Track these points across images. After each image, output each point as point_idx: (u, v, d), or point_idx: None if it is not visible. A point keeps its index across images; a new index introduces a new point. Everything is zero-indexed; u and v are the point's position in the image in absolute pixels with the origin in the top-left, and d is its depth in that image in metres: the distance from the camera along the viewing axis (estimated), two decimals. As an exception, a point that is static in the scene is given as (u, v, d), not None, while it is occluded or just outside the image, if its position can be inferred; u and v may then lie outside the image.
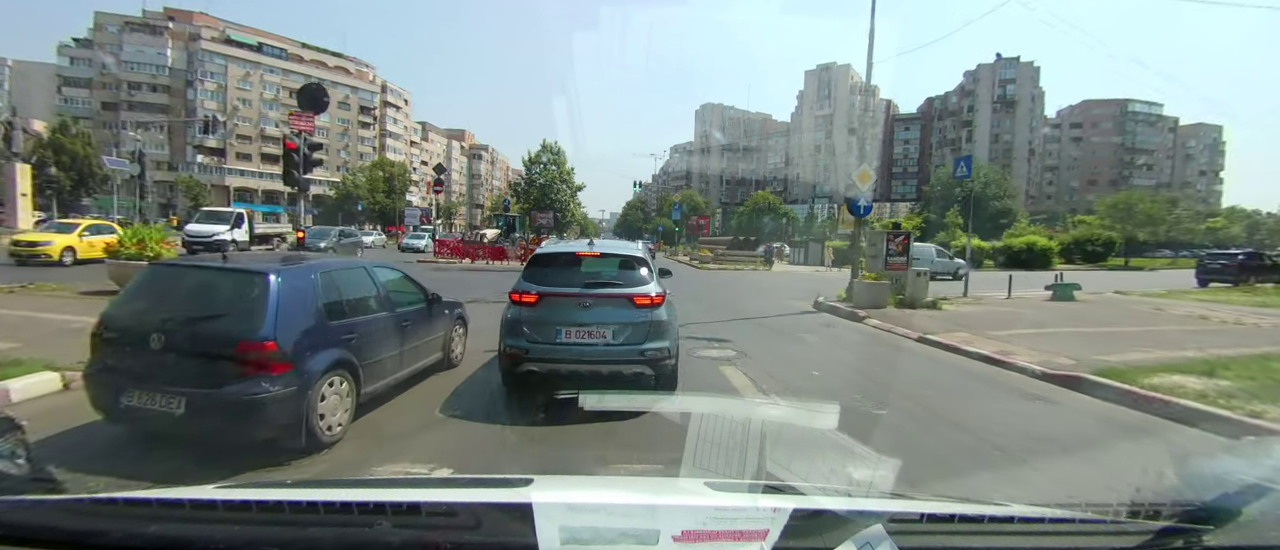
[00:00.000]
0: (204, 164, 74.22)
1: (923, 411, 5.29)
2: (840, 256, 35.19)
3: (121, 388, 3.60)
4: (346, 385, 4.08)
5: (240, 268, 4.07)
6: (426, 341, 5.46)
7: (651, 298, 4.98)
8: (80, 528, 1.21)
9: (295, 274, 4.06)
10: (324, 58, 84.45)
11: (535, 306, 4.95)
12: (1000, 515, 1.57)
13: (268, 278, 3.79)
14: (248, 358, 3.57)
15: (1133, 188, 74.35)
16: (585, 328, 4.86)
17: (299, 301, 3.90)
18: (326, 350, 3.96)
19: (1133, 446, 4.61)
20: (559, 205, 48.94)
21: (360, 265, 5.08)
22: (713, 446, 1.84)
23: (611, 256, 5.52)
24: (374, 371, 4.42)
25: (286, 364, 3.64)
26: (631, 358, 4.84)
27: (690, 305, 12.98)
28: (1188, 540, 1.29)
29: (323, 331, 4.00)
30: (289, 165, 8.29)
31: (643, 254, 5.53)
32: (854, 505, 1.39)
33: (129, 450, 3.74)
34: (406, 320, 5.01)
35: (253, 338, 3.59)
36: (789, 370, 6.85)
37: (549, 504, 1.31)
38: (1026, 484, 3.77)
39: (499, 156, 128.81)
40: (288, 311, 3.77)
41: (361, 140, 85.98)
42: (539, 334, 4.86)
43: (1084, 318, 11.46)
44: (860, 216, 13.31)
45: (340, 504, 1.28)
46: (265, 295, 3.70)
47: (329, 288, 4.24)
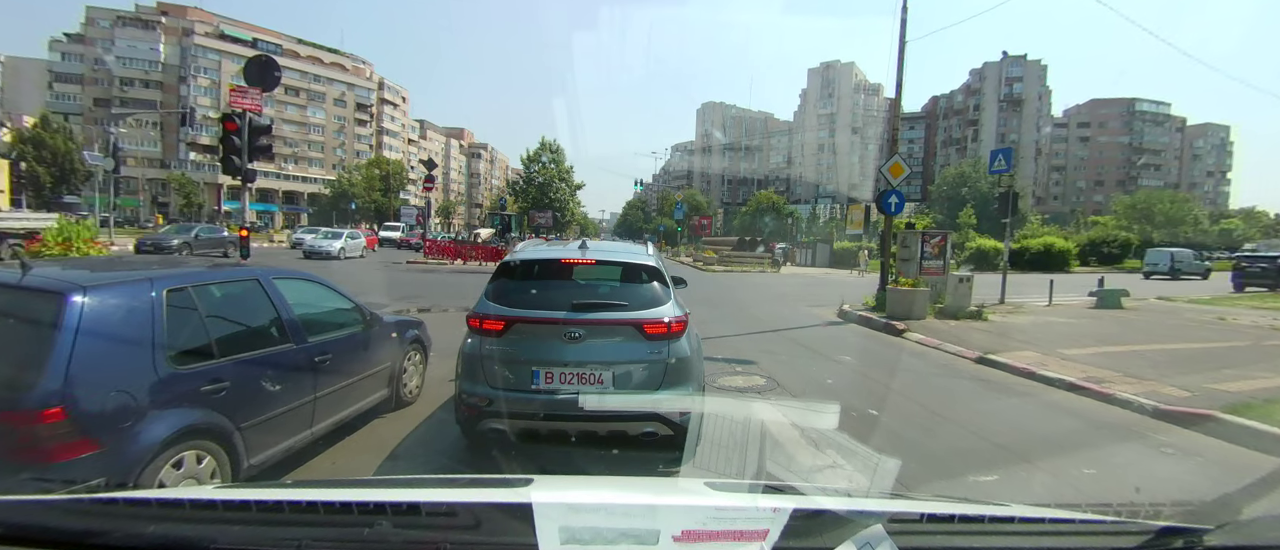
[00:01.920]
0: (197, 161, 72.78)
1: (1051, 479, 3.92)
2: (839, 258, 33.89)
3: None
4: (210, 462, 2.74)
5: (25, 284, 2.55)
6: (362, 379, 4.07)
7: (668, 325, 3.46)
8: (80, 528, 1.19)
9: (118, 292, 2.63)
10: (320, 54, 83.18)
11: (500, 336, 3.48)
12: (1000, 515, 1.55)
13: (67, 299, 2.38)
14: (17, 434, 2.17)
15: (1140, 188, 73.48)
16: (574, 369, 3.40)
17: (119, 337, 2.51)
18: (171, 411, 2.60)
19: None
20: (558, 204, 47.60)
21: (250, 275, 3.49)
22: (713, 446, 1.83)
23: (612, 265, 4.01)
24: (264, 433, 3.09)
25: (86, 442, 2.29)
26: (641, 412, 3.33)
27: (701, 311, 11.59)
28: (1188, 540, 1.27)
29: (166, 383, 2.63)
30: (228, 149, 6.88)
31: (654, 262, 3.91)
32: (854, 505, 1.39)
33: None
34: (325, 352, 3.62)
35: (22, 404, 2.19)
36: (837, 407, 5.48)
37: (549, 504, 1.29)
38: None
39: (498, 155, 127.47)
40: (93, 355, 2.38)
41: (358, 138, 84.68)
42: (508, 377, 3.43)
43: (1149, 330, 10.11)
44: (892, 214, 11.94)
45: (340, 504, 1.27)
46: (56, 329, 2.29)
47: (182, 311, 2.82)
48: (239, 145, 6.71)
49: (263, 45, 78.52)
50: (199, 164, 72.52)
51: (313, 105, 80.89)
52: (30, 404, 2.18)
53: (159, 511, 1.31)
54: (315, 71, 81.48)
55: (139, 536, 1.15)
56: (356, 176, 72.46)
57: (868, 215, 37.31)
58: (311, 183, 78.73)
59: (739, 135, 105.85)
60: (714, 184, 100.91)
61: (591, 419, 3.34)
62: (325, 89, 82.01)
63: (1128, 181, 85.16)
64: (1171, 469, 4.22)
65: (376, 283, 15.42)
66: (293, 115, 79.05)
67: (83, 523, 1.22)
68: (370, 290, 11.05)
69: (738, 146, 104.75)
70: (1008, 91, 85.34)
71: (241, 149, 6.71)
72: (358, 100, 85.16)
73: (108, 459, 2.33)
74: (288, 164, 78.68)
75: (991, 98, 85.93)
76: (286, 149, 78.77)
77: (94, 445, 2.32)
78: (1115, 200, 53.21)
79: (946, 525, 1.42)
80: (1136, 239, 40.54)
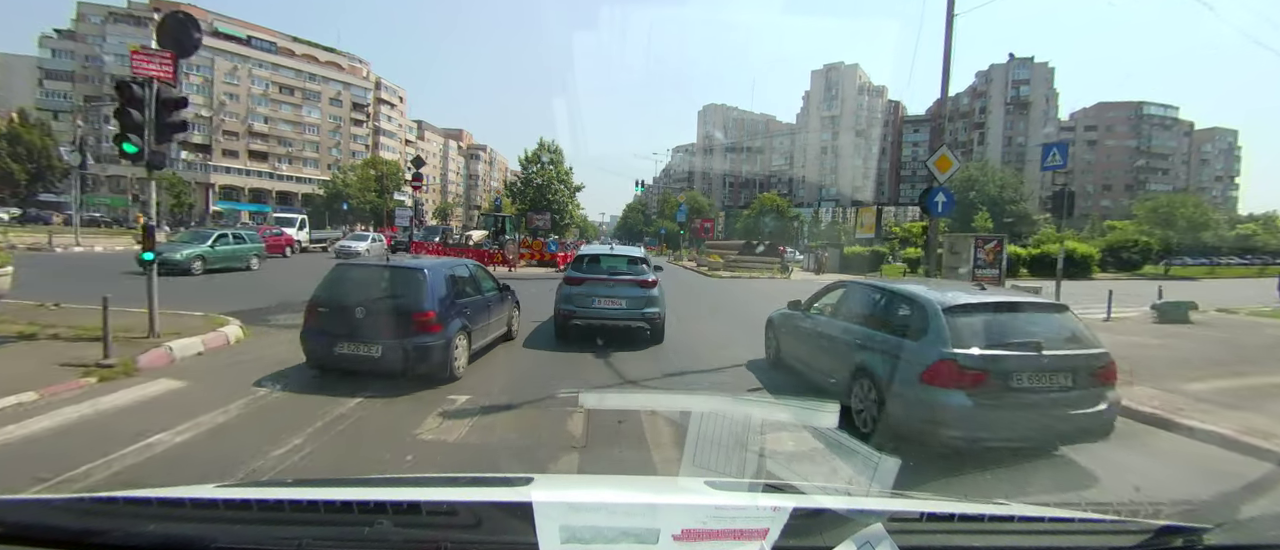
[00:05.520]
0: (188, 160, 71.20)
1: None
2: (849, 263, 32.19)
3: (334, 342, 5.58)
4: (463, 341, 6.14)
5: (406, 265, 6.41)
6: (500, 317, 7.70)
7: (651, 282, 8.37)
8: (81, 527, 1.19)
9: (437, 269, 6.30)
10: (315, 52, 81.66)
11: (579, 285, 8.23)
12: (1000, 514, 1.56)
13: (423, 271, 6.03)
14: (417, 322, 5.60)
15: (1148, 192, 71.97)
16: (608, 299, 8.12)
17: (441, 285, 6.06)
18: (457, 318, 6.08)
19: None
20: (557, 206, 45.99)
21: (465, 263, 7.46)
22: (713, 446, 1.81)
23: (624, 256, 9.08)
24: (478, 334, 6.67)
25: (438, 326, 5.73)
26: (637, 317, 8.21)
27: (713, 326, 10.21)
28: (1188, 539, 1.27)
29: (453, 306, 6.12)
30: (126, 126, 5.28)
31: (643, 254, 9.46)
32: (854, 504, 1.39)
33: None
34: (490, 302, 7.26)
35: (420, 308, 5.69)
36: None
37: (549, 503, 1.29)
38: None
39: (497, 157, 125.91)
40: (436, 293, 5.91)
41: (354, 138, 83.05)
42: (582, 301, 8.11)
43: (1249, 353, 8.58)
44: (938, 214, 10.35)
45: (340, 503, 1.27)
46: (423, 282, 5.88)
47: (452, 278, 6.42)
48: (140, 121, 5.17)
49: (257, 43, 77.16)
50: (190, 163, 71.06)
51: (308, 104, 79.33)
52: (422, 309, 5.66)
53: (159, 511, 1.30)
54: (311, 70, 79.92)
55: (139, 536, 1.15)
56: (351, 177, 70.81)
57: (879, 218, 35.79)
58: (306, 183, 77.07)
59: (740, 137, 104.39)
60: (715, 186, 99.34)
61: (616, 319, 8.09)
62: (321, 88, 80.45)
63: (1135, 186, 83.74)
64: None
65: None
66: (288, 114, 77.51)
67: (83, 522, 1.21)
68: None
69: (739, 148, 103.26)
70: (1015, 94, 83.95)
71: (143, 126, 5.17)
72: (354, 100, 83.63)
73: (444, 334, 5.73)
74: (282, 164, 77.09)
75: (998, 100, 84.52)
76: (281, 149, 77.23)
77: (440, 327, 5.70)
78: (1136, 204, 51.58)
79: (946, 524, 1.41)
80: (1157, 243, 38.98)
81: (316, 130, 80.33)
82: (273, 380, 5.55)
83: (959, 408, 3.83)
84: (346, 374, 5.55)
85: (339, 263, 7.60)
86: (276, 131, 77.29)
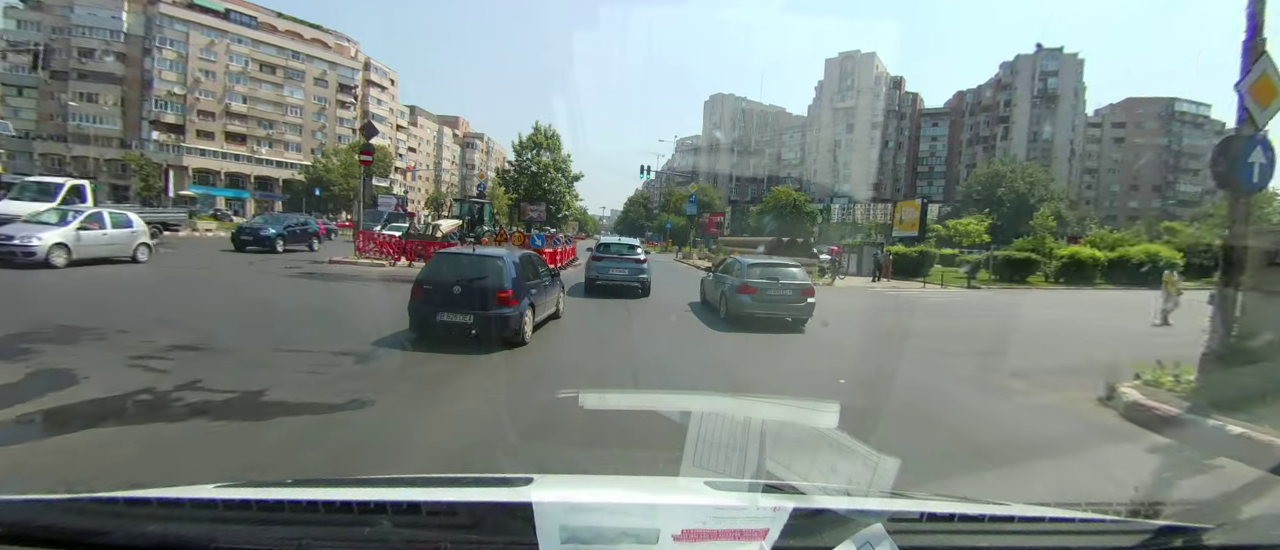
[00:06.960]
0: (160, 141, 66.33)
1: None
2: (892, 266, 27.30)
3: (437, 311, 7.38)
4: (530, 314, 7.91)
5: (491, 253, 8.44)
6: (551, 298, 9.49)
7: (644, 259, 15.00)
8: (80, 527, 1.19)
9: (512, 256, 8.24)
10: (300, 29, 76.54)
11: (599, 261, 14.64)
12: (1000, 514, 1.55)
13: (504, 257, 8.00)
14: (500, 296, 7.36)
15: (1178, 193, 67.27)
16: (616, 268, 14.41)
17: (515, 270, 7.75)
18: (526, 296, 7.79)
19: None
20: (553, 196, 41.28)
21: (530, 254, 9.73)
22: (713, 446, 1.82)
23: (626, 243, 16.64)
24: (540, 309, 8.51)
25: (515, 300, 7.47)
26: (634, 281, 14.25)
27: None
28: (1188, 539, 1.27)
29: (523, 286, 7.79)
30: None
31: (639, 242, 18.68)
32: (854, 504, 1.39)
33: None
34: (546, 285, 9.18)
35: (503, 286, 7.44)
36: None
37: (549, 503, 1.29)
38: None
39: (495, 146, 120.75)
40: (511, 275, 7.63)
41: (340, 121, 77.93)
42: (601, 270, 14.38)
43: None
44: (1252, 187, 5.48)
45: (340, 503, 1.27)
46: (503, 266, 7.70)
47: (521, 265, 8.11)
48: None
49: (236, 16, 71.97)
50: (163, 144, 66.19)
51: (290, 84, 74.26)
52: (503, 287, 7.49)
53: (159, 511, 1.29)
54: (294, 47, 74.78)
55: (139, 536, 1.15)
56: (335, 162, 65.94)
57: (923, 214, 31.00)
58: (287, 167, 72.16)
59: (748, 130, 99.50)
60: (721, 181, 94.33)
61: (620, 283, 14.48)
62: (305, 67, 75.33)
63: (1165, 187, 79.10)
64: None
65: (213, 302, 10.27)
66: (268, 94, 72.43)
67: (83, 522, 1.21)
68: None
69: (747, 142, 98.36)
70: (1042, 86, 79.03)
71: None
72: (341, 81, 78.55)
73: (518, 307, 7.53)
74: (261, 147, 72.09)
75: (1024, 93, 79.63)
76: (260, 131, 72.22)
77: (516, 301, 7.49)
78: (1213, 204, 46.82)
79: (946, 524, 1.42)
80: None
81: (299, 112, 75.32)
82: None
83: (748, 301, 10.21)
84: (444, 339, 7.25)
85: (437, 252, 10.08)
86: (256, 111, 72.26)
